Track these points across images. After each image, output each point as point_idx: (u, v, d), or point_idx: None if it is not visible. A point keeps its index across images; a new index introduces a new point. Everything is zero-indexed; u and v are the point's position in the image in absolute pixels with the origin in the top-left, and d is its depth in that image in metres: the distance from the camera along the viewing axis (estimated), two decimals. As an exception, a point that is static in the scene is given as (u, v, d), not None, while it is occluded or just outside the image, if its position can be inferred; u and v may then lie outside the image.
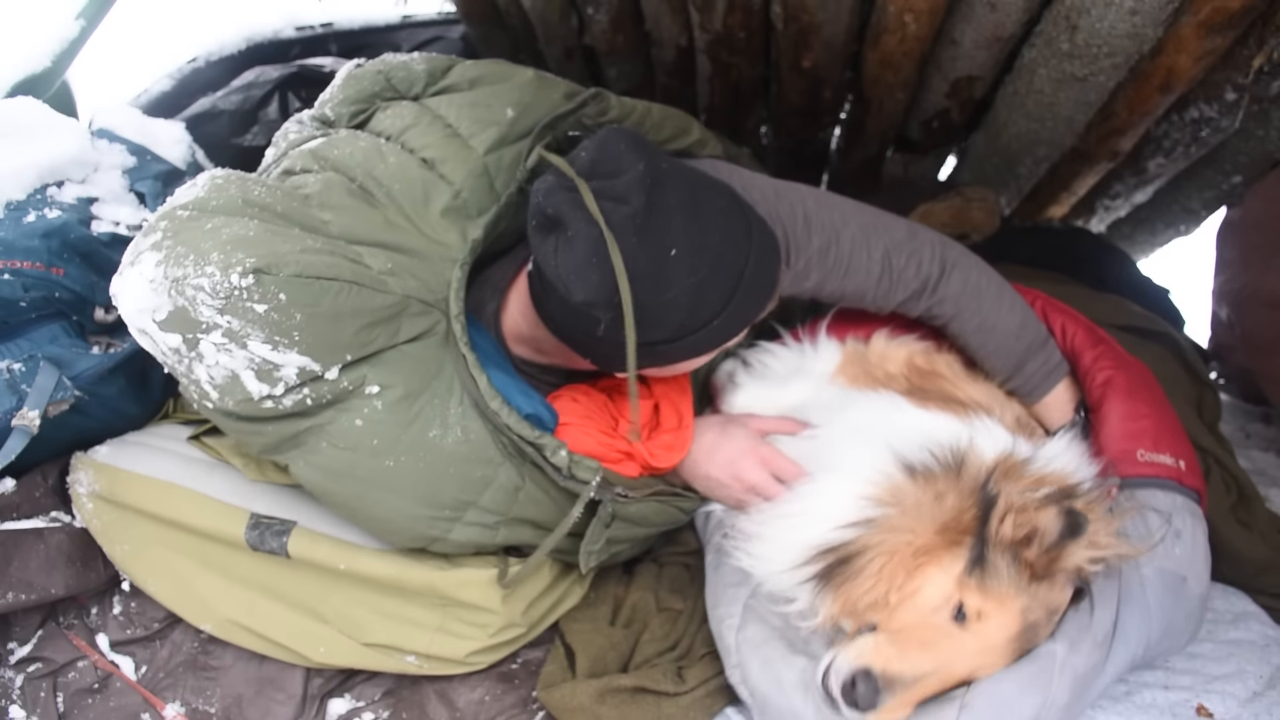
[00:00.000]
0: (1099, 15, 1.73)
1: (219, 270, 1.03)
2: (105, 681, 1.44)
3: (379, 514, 1.27)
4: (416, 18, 2.94)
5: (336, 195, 1.25)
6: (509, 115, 1.41)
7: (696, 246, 1.16)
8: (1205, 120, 2.02)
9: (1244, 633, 1.45)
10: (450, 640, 1.40)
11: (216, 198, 1.15)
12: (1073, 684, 1.18)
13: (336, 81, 1.46)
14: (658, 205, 1.14)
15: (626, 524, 1.42)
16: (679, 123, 1.56)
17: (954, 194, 2.41)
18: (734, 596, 1.38)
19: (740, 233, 1.22)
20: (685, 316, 1.19)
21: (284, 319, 1.07)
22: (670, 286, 1.15)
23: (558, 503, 1.36)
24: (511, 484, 1.31)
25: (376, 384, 1.19)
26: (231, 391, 1.11)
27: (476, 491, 1.29)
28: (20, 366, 1.38)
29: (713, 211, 1.20)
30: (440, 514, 1.29)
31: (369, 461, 1.21)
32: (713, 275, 1.18)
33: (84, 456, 1.46)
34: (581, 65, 2.65)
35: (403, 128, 1.37)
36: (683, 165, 1.25)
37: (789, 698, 1.23)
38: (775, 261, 1.29)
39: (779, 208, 1.45)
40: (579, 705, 1.32)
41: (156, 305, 1.05)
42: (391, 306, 1.18)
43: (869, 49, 2.11)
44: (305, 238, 1.15)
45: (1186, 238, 2.74)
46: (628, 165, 1.14)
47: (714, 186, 1.25)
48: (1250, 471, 2.14)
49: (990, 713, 1.15)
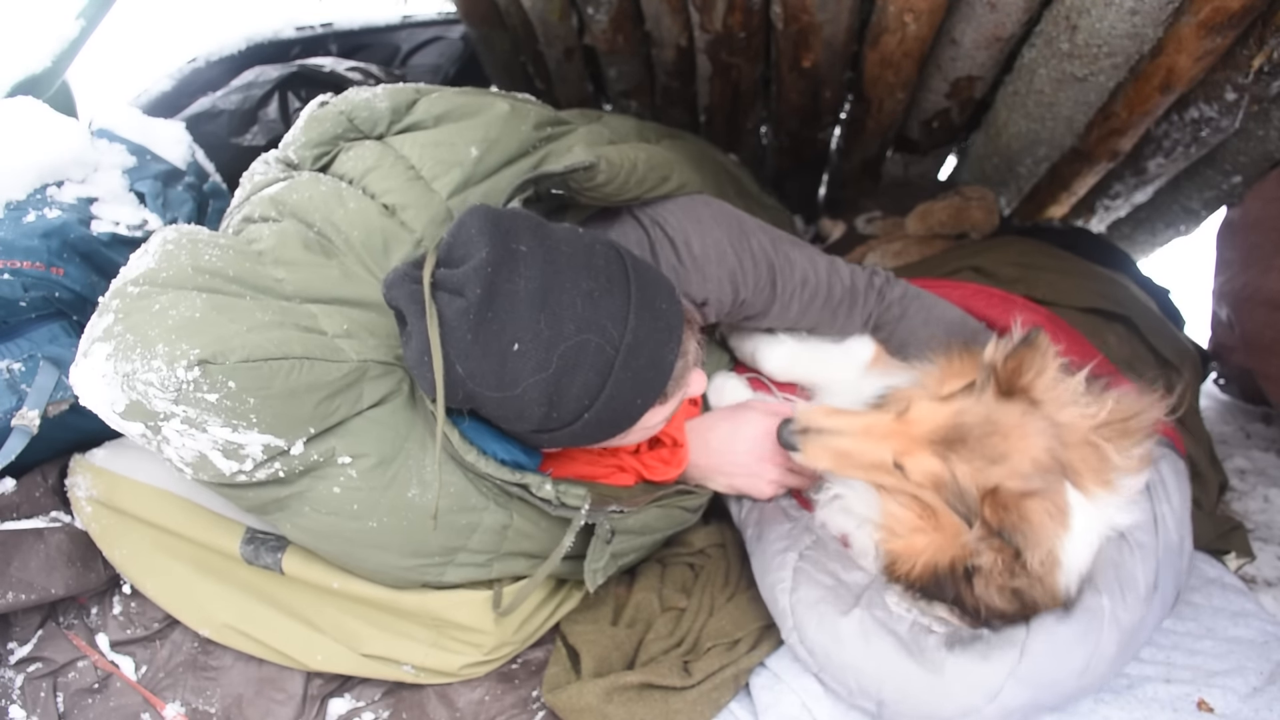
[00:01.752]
0: (1099, 15, 1.73)
1: (165, 365, 1.02)
2: (105, 681, 1.44)
3: (370, 567, 1.30)
4: (416, 18, 2.94)
5: (291, 249, 1.22)
6: (473, 155, 1.37)
7: (545, 340, 1.07)
8: (1205, 120, 2.02)
9: (1244, 630, 1.45)
10: (444, 655, 1.41)
11: (167, 268, 1.13)
12: (1119, 636, 1.22)
13: (299, 123, 1.41)
14: (499, 295, 1.06)
15: (629, 535, 1.41)
16: (661, 171, 1.48)
17: (954, 194, 2.42)
18: (782, 561, 1.40)
19: (612, 318, 1.12)
20: (546, 410, 1.12)
21: (237, 404, 1.06)
22: (516, 383, 1.08)
23: (549, 532, 1.35)
24: (499, 524, 1.31)
25: (347, 454, 1.18)
26: (203, 468, 1.12)
27: (464, 537, 1.30)
28: (20, 366, 1.38)
29: (573, 298, 1.09)
30: (430, 561, 1.29)
31: (352, 524, 1.21)
32: (570, 369, 1.09)
33: (82, 459, 1.46)
34: (581, 65, 2.65)
35: (364, 170, 1.33)
36: (555, 241, 1.13)
37: (848, 650, 1.26)
38: (666, 344, 1.18)
39: (763, 241, 1.51)
40: (586, 705, 1.32)
41: (113, 399, 1.04)
42: (348, 375, 1.16)
43: (869, 49, 2.11)
44: (255, 309, 1.12)
45: (1186, 238, 2.73)
46: (474, 251, 1.07)
47: (589, 265, 1.13)
48: (1250, 471, 2.15)
49: (1047, 657, 1.19)
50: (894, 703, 1.23)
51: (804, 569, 1.38)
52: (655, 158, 1.47)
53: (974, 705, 1.19)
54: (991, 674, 1.18)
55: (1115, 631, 1.22)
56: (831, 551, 1.42)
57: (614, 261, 1.17)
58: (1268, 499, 2.03)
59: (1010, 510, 1.18)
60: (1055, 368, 1.26)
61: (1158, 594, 1.29)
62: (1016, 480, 1.19)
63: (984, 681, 1.18)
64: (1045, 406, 1.23)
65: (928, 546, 1.30)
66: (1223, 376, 2.47)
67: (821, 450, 1.34)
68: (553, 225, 1.17)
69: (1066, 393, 1.24)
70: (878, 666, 1.24)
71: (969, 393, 1.28)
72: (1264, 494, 2.04)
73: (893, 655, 1.23)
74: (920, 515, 1.33)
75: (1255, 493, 2.06)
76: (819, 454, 1.34)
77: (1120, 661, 1.28)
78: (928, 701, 1.21)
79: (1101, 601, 1.23)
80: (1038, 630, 1.21)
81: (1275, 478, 2.11)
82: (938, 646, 1.23)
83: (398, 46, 2.88)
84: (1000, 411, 1.23)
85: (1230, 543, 1.71)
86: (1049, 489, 1.20)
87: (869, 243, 2.44)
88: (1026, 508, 1.18)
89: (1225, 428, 2.40)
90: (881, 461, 1.30)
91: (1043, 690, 1.19)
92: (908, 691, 1.22)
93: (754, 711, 1.36)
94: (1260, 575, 1.78)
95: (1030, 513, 1.18)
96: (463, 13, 2.65)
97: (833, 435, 1.33)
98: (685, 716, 1.32)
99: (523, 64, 2.79)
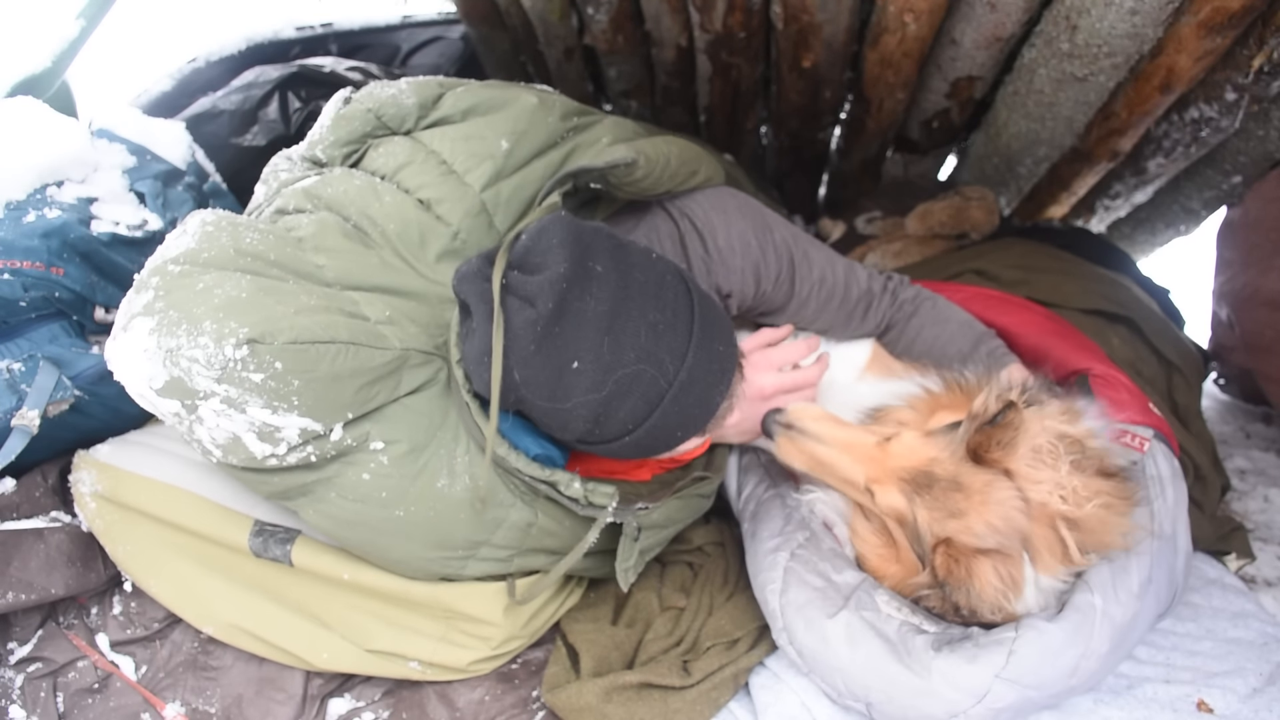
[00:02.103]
0: (1099, 15, 1.73)
1: (213, 341, 1.01)
2: (105, 681, 1.44)
3: (393, 557, 1.29)
4: (416, 18, 2.93)
5: (331, 237, 1.23)
6: (504, 147, 1.38)
7: (605, 364, 1.09)
8: (1205, 120, 2.02)
9: (1244, 631, 1.45)
10: (453, 649, 1.40)
11: (208, 248, 1.13)
12: (1111, 634, 1.22)
13: (325, 121, 1.41)
14: (568, 313, 1.07)
15: (654, 529, 1.41)
16: (691, 165, 1.50)
17: (953, 193, 2.42)
18: (773, 562, 1.40)
19: (672, 353, 1.13)
20: (591, 427, 1.14)
21: (281, 385, 1.06)
22: (569, 397, 1.10)
23: (573, 530, 1.35)
24: (524, 521, 1.31)
25: (380, 440, 1.18)
26: (234, 451, 1.11)
27: (489, 532, 1.30)
28: (20, 366, 1.38)
29: (638, 327, 1.11)
30: (454, 554, 1.30)
31: (379, 512, 1.21)
32: (622, 395, 1.11)
33: (86, 455, 1.46)
34: (581, 65, 2.65)
35: (397, 166, 1.34)
36: (630, 266, 1.14)
37: (836, 652, 1.27)
38: (716, 386, 1.20)
39: (785, 235, 1.52)
40: (585, 705, 1.32)
41: (152, 374, 1.03)
42: (391, 363, 1.17)
43: (869, 49, 2.11)
44: (300, 293, 1.12)
45: (1186, 238, 2.74)
46: (551, 263, 1.08)
47: (658, 297, 1.14)
48: (1250, 471, 2.15)
49: (1036, 658, 1.19)
50: (881, 704, 1.23)
51: (794, 569, 1.38)
52: (686, 152, 1.50)
53: (960, 706, 1.19)
54: (978, 675, 1.18)
55: (1108, 629, 1.22)
56: (824, 550, 1.42)
57: (682, 296, 1.18)
58: (1268, 499, 2.03)
59: (959, 564, 1.20)
60: (1033, 443, 1.23)
61: (1151, 589, 1.29)
62: (969, 537, 1.21)
63: (970, 682, 1.18)
64: (1018, 478, 1.22)
65: (896, 574, 1.34)
66: (1223, 376, 2.47)
67: (796, 451, 1.36)
68: (630, 246, 1.18)
69: (1044, 470, 1.22)
70: (864, 669, 1.24)
71: (951, 435, 1.29)
72: (1264, 494, 2.05)
73: (879, 658, 1.23)
74: (883, 542, 1.36)
75: (1255, 493, 2.06)
76: (792, 453, 1.37)
77: (1113, 659, 1.27)
78: (914, 703, 1.21)
79: (1093, 600, 1.22)
80: (1027, 630, 1.21)
81: (1275, 478, 2.11)
82: (925, 648, 1.23)
83: (398, 46, 2.88)
84: (968, 473, 1.24)
85: (1231, 544, 1.71)
86: (1004, 552, 1.21)
87: (869, 243, 2.44)
88: (976, 565, 1.20)
89: (1225, 428, 2.40)
90: (853, 480, 1.33)
91: (1032, 690, 1.19)
92: (893, 693, 1.22)
93: (754, 711, 1.36)
94: (1260, 575, 1.78)
95: (980, 570, 1.20)
96: (463, 13, 2.65)
97: (813, 440, 1.35)
98: (685, 716, 1.32)
99: (523, 64, 2.79)
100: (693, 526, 1.69)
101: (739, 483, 1.65)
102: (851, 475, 1.32)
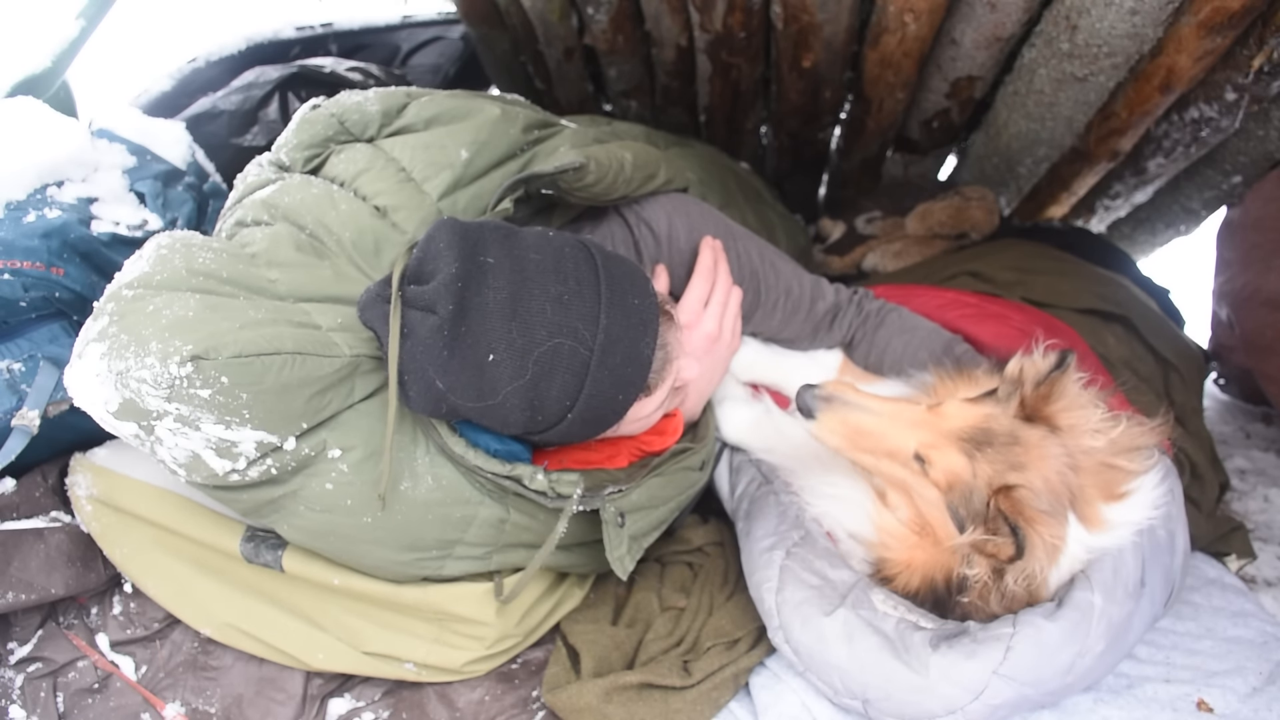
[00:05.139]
0: (1099, 15, 1.73)
1: (158, 361, 1.02)
2: (105, 681, 1.44)
3: (370, 563, 1.30)
4: (416, 18, 2.94)
5: (284, 251, 1.23)
6: (463, 157, 1.38)
7: (519, 348, 1.10)
8: (1205, 120, 2.02)
9: (1244, 630, 1.45)
10: (447, 651, 1.41)
11: (160, 271, 1.14)
12: (1108, 632, 1.22)
13: (291, 125, 1.42)
14: (470, 309, 1.09)
15: (640, 512, 1.39)
16: (647, 170, 1.49)
17: (953, 193, 2.42)
18: (769, 560, 1.40)
19: (583, 319, 1.14)
20: (530, 414, 1.15)
21: (230, 399, 1.06)
22: (496, 391, 1.11)
23: (546, 523, 1.35)
24: (496, 518, 1.31)
25: (338, 447, 1.19)
26: (197, 469, 1.11)
27: (460, 530, 1.30)
28: (20, 366, 1.38)
29: (543, 304, 1.12)
30: (428, 555, 1.30)
31: (347, 520, 1.22)
32: (547, 374, 1.12)
33: (82, 458, 1.46)
34: (581, 65, 2.65)
35: (356, 172, 1.34)
36: (523, 249, 1.15)
37: (833, 650, 1.27)
38: (641, 339, 1.19)
39: (749, 246, 1.55)
40: (586, 705, 1.33)
41: (107, 398, 1.04)
42: (341, 370, 1.17)
43: (869, 49, 2.11)
44: (248, 308, 1.13)
45: (1186, 238, 2.74)
46: (442, 267, 1.09)
47: (557, 270, 1.15)
48: (1250, 471, 2.15)
49: (1033, 654, 1.19)
50: (878, 700, 1.23)
51: (790, 568, 1.38)
52: (641, 156, 1.49)
53: (958, 702, 1.19)
54: (975, 671, 1.18)
55: (1104, 628, 1.22)
56: (819, 548, 1.42)
57: (584, 263, 1.18)
58: (1268, 499, 2.03)
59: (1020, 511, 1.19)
60: (1080, 395, 1.26)
61: (1146, 590, 1.29)
62: (1028, 494, 1.20)
63: (967, 679, 1.18)
64: (1064, 434, 1.24)
65: (924, 562, 1.31)
66: (1223, 376, 2.47)
67: (840, 423, 1.29)
68: (522, 232, 1.19)
69: (1087, 421, 1.25)
70: (861, 666, 1.24)
71: (994, 400, 1.29)
72: (1264, 494, 2.05)
73: (877, 654, 1.23)
74: (915, 528, 1.33)
75: (1255, 493, 2.06)
76: (835, 426, 1.29)
77: (1109, 658, 1.27)
78: (912, 700, 1.21)
79: (1092, 598, 1.23)
80: (1024, 627, 1.21)
81: (1275, 478, 2.11)
82: (923, 644, 1.23)
83: (398, 46, 2.88)
84: (1023, 429, 1.24)
85: (1231, 544, 1.70)
86: (1054, 515, 1.21)
87: (869, 243, 2.44)
88: (1034, 520, 1.19)
89: (1225, 428, 2.40)
90: (901, 449, 1.27)
91: (1028, 686, 1.19)
92: (891, 690, 1.22)
93: (754, 711, 1.36)
94: (1260, 575, 1.78)
95: (1036, 524, 1.19)
96: (463, 13, 2.65)
97: (858, 410, 1.29)
98: (685, 716, 1.32)
99: (523, 64, 2.79)
100: (692, 526, 1.68)
101: (731, 481, 1.65)
102: (901, 443, 1.27)
